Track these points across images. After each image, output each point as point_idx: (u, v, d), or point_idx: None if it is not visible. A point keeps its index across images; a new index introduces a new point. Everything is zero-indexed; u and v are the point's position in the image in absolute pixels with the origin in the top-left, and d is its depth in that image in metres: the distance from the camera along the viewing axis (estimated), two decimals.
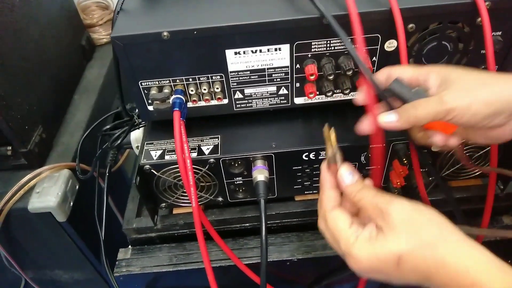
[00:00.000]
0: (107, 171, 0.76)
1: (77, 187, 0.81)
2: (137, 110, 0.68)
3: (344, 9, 0.47)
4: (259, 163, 0.56)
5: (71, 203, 0.77)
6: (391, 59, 0.53)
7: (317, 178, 0.60)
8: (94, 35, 1.10)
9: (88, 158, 0.80)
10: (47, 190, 0.73)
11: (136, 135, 0.73)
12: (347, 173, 0.43)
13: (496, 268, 0.34)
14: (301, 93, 0.57)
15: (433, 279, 0.36)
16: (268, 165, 0.57)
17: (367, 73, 0.43)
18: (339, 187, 0.44)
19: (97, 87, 1.01)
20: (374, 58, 0.53)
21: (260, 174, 0.55)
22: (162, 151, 0.57)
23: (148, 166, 0.56)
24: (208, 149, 0.57)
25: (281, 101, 0.58)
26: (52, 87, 0.88)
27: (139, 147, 0.58)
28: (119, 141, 0.67)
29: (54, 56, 0.90)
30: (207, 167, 0.56)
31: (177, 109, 0.52)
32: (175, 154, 0.56)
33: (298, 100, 0.58)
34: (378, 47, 0.52)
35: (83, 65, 1.05)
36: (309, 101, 0.58)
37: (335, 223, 0.41)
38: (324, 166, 0.45)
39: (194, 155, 0.56)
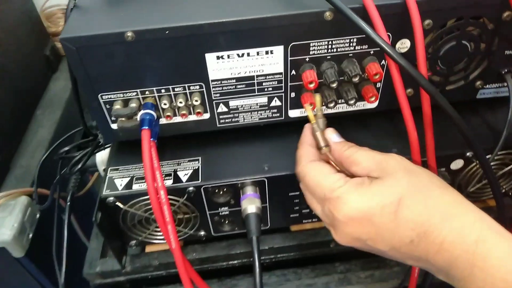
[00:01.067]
0: (68, 200, 0.65)
1: (38, 216, 0.70)
2: None
3: (354, 1, 0.38)
4: (249, 190, 0.46)
5: (30, 235, 0.67)
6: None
7: None
8: (59, 44, 0.99)
9: (51, 183, 0.70)
10: (1, 222, 0.63)
11: (102, 157, 0.63)
12: (335, 134, 0.41)
13: (500, 228, 0.31)
14: (297, 104, 0.48)
15: (433, 235, 0.31)
16: (260, 191, 0.47)
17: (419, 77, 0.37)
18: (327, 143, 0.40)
19: (62, 101, 0.92)
20: (382, 62, 0.45)
21: (250, 204, 0.45)
22: (129, 178, 0.47)
23: (112, 198, 0.45)
24: (186, 174, 0.47)
25: (274, 115, 0.49)
26: (11, 102, 0.78)
27: (103, 177, 0.48)
28: (80, 165, 0.56)
29: (13, 67, 0.80)
30: (185, 197, 0.46)
31: (146, 127, 0.42)
32: (145, 181, 0.46)
33: (294, 113, 0.49)
34: None
35: (47, 77, 0.96)
36: (305, 114, 0.49)
37: (319, 171, 0.38)
38: (308, 126, 0.43)
39: (169, 182, 0.46)
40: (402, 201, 0.32)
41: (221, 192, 0.48)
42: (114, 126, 0.47)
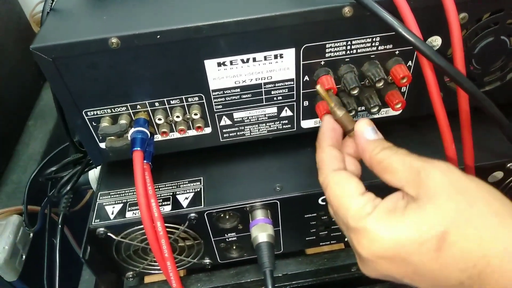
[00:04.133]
0: (59, 222, 0.59)
1: (31, 235, 0.65)
2: None
3: None
4: (260, 214, 0.40)
5: (23, 256, 0.62)
6: None
7: (337, 226, 0.45)
8: None
9: (43, 200, 0.65)
10: None
11: (96, 173, 0.58)
12: (369, 127, 0.32)
13: None
14: (311, 114, 0.42)
15: (491, 277, 0.24)
16: (272, 215, 0.41)
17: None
18: (356, 142, 0.33)
19: (55, 110, 0.86)
20: (409, 63, 0.39)
21: (261, 232, 0.39)
22: (122, 205, 0.41)
23: (102, 229, 0.39)
24: (186, 198, 0.41)
25: (284, 126, 0.43)
26: (0, 113, 0.72)
27: (92, 203, 0.42)
28: (68, 187, 0.51)
29: (2, 76, 0.75)
30: (186, 224, 0.40)
31: (138, 148, 0.36)
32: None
33: (307, 124, 0.43)
34: None
35: (38, 85, 0.91)
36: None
37: (342, 188, 0.30)
38: (328, 119, 0.35)
39: (168, 209, 0.40)
40: (448, 235, 0.25)
41: (227, 217, 0.42)
42: (103, 145, 0.41)
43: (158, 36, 0.33)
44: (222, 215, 0.41)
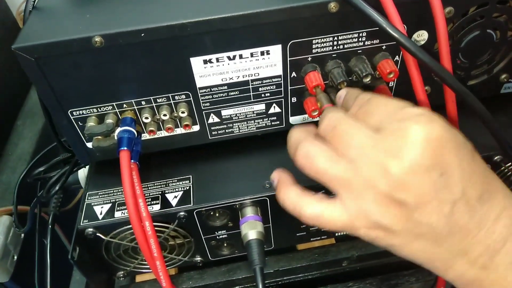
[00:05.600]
0: (49, 222, 0.58)
1: (22, 236, 0.65)
2: None
3: None
4: (249, 211, 0.40)
5: (15, 257, 0.62)
6: None
7: None
8: None
9: (33, 199, 0.64)
10: None
11: (86, 172, 0.57)
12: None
13: None
14: (300, 110, 0.42)
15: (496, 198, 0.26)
16: (261, 211, 0.41)
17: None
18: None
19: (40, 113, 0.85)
20: (396, 57, 0.39)
21: (251, 229, 0.39)
22: (111, 204, 0.41)
23: (91, 229, 0.39)
24: (176, 197, 0.41)
25: (273, 123, 0.43)
26: None
27: (81, 203, 0.41)
28: (57, 187, 0.50)
29: None
30: (175, 223, 0.40)
31: (125, 147, 0.36)
32: None
33: (295, 119, 0.43)
34: None
35: (27, 84, 0.89)
36: (310, 120, 0.43)
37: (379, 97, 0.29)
38: None
39: (157, 208, 0.40)
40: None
41: (217, 215, 0.42)
42: (90, 145, 0.40)
43: (143, 34, 0.33)
44: (212, 213, 0.41)
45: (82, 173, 0.58)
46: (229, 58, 0.36)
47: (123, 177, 0.34)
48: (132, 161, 0.36)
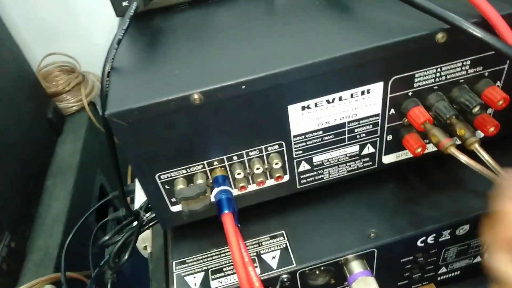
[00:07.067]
0: None
1: None
2: (138, 204, 0.48)
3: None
4: (358, 266, 0.36)
5: None
6: None
7: (432, 266, 0.41)
8: (61, 104, 0.94)
9: (76, 262, 0.60)
10: None
11: (142, 235, 0.53)
12: None
13: None
14: (395, 148, 0.39)
15: None
16: (368, 263, 0.37)
17: None
18: None
19: (73, 166, 0.84)
20: (498, 83, 0.36)
21: (366, 286, 0.35)
22: (203, 273, 0.37)
23: None
24: (274, 257, 0.37)
25: (365, 164, 0.39)
26: (18, 175, 0.69)
27: (168, 275, 0.37)
28: (127, 255, 0.46)
29: (16, 136, 0.72)
30: (277, 286, 0.36)
31: (227, 210, 0.32)
32: (225, 275, 0.36)
33: (388, 159, 0.40)
34: (506, 66, 0.35)
35: (53, 141, 0.88)
36: (402, 157, 0.40)
37: None
38: None
39: (257, 272, 0.36)
40: None
41: (317, 272, 0.38)
42: (174, 208, 0.37)
43: (244, 87, 0.30)
44: (317, 271, 0.37)
45: (139, 237, 0.54)
46: (328, 101, 0.33)
47: (231, 245, 0.31)
48: (236, 224, 0.32)
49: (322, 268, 0.37)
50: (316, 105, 0.33)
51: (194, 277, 0.36)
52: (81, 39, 0.96)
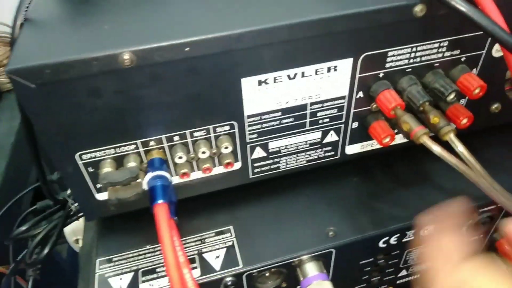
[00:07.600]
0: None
1: None
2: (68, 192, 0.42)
3: None
4: (313, 269, 0.32)
5: None
6: (499, 69, 0.34)
7: (392, 269, 0.38)
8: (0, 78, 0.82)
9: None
10: None
11: (73, 226, 0.47)
12: None
13: None
14: (360, 137, 0.35)
15: None
16: (325, 265, 0.33)
17: None
18: None
19: (7, 147, 0.75)
20: (474, 70, 0.33)
21: None
22: (132, 273, 0.31)
23: None
24: (217, 257, 0.32)
25: (326, 154, 0.35)
26: None
27: (87, 274, 0.31)
28: (47, 250, 0.39)
29: None
30: None
31: (161, 200, 0.27)
32: (158, 276, 0.30)
33: (352, 149, 0.36)
34: (484, 52, 0.32)
35: None
36: (368, 148, 0.36)
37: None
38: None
39: (196, 274, 0.30)
40: None
41: (267, 274, 0.33)
42: (100, 196, 0.31)
43: (187, 49, 0.24)
44: (266, 274, 0.32)
45: (69, 228, 0.47)
46: (289, 77, 0.28)
47: (162, 242, 0.25)
48: (172, 216, 0.27)
49: (272, 270, 0.32)
50: (275, 80, 0.28)
51: (121, 279, 0.30)
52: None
